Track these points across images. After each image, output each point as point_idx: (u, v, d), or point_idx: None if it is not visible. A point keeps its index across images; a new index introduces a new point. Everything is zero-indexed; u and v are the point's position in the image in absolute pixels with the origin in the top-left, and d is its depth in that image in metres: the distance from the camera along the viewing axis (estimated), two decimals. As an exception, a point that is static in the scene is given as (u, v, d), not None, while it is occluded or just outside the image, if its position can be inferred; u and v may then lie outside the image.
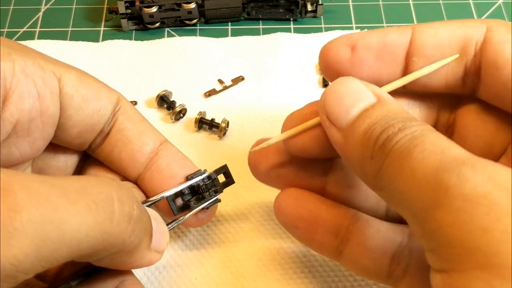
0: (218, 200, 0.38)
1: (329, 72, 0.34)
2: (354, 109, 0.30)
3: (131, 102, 0.50)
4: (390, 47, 0.33)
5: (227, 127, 0.48)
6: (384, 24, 0.58)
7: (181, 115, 0.49)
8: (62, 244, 0.25)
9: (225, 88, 0.51)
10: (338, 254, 0.35)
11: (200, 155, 0.47)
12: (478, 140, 0.34)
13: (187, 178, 0.37)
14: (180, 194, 0.37)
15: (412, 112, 0.35)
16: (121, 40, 0.54)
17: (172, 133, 0.48)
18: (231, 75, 0.52)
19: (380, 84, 0.33)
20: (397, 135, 0.28)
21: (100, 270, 0.33)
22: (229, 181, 0.39)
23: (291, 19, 0.57)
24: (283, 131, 0.35)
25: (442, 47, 0.32)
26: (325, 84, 0.52)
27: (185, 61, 0.53)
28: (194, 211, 0.37)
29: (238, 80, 0.52)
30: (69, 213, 0.25)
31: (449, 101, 0.35)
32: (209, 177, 0.38)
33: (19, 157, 0.33)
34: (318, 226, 0.35)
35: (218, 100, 0.51)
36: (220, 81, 0.52)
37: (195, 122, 0.48)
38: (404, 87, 0.33)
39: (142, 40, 0.55)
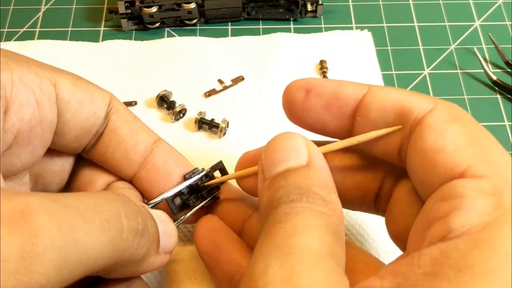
0: (217, 197, 0.39)
1: (285, 109, 0.34)
2: (281, 165, 0.30)
3: (131, 102, 0.50)
4: (340, 100, 0.32)
5: (227, 127, 0.48)
6: (384, 24, 0.58)
7: (181, 115, 0.49)
8: (80, 264, 0.26)
9: (225, 88, 0.51)
10: None
11: (200, 155, 0.47)
12: (401, 217, 0.32)
13: (185, 178, 0.37)
14: (178, 193, 0.37)
15: (358, 170, 0.34)
16: (121, 40, 0.54)
17: (172, 133, 0.48)
18: (231, 75, 0.52)
19: (326, 132, 0.34)
20: (282, 206, 0.28)
21: (108, 279, 0.33)
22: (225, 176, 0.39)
23: (291, 19, 0.57)
24: (235, 169, 0.37)
25: (385, 113, 0.31)
26: None
27: (185, 61, 0.53)
28: (194, 210, 0.37)
29: (238, 80, 0.52)
30: (85, 233, 0.26)
31: (396, 171, 0.33)
32: (206, 175, 0.38)
33: (20, 167, 0.33)
34: (217, 265, 0.36)
35: (218, 100, 0.51)
36: (220, 81, 0.52)
37: (195, 122, 0.48)
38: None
39: (142, 40, 0.55)
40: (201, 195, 0.38)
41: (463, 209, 0.26)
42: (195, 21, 0.56)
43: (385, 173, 0.34)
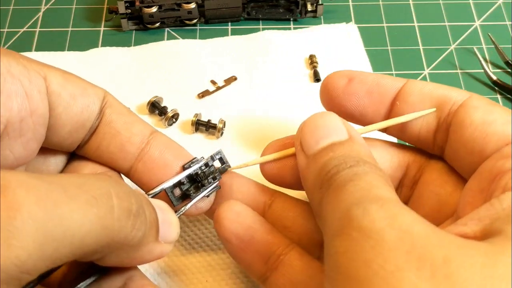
0: (218, 187, 0.38)
1: (325, 96, 0.37)
2: (324, 140, 0.32)
3: None
4: (381, 87, 0.36)
5: (224, 127, 0.48)
6: (384, 24, 0.58)
7: (174, 120, 0.49)
8: (65, 241, 0.25)
9: (218, 88, 0.51)
10: (263, 279, 0.35)
11: (199, 156, 0.47)
12: (433, 197, 0.35)
13: (184, 167, 0.36)
14: (178, 184, 0.36)
15: (383, 159, 0.37)
16: (107, 48, 0.54)
17: (169, 136, 0.48)
18: (223, 76, 0.52)
19: (363, 117, 0.37)
20: (345, 170, 0.30)
21: (106, 269, 0.32)
22: (226, 166, 0.38)
23: (291, 19, 0.57)
24: (262, 156, 0.37)
25: (423, 98, 0.35)
26: (316, 79, 0.52)
27: (175, 64, 0.53)
28: (195, 200, 0.36)
29: (231, 80, 0.52)
30: (70, 209, 0.25)
31: (420, 159, 0.37)
32: (206, 164, 0.37)
33: (14, 160, 0.33)
34: (250, 247, 0.35)
35: (212, 100, 0.51)
36: (213, 82, 0.52)
37: (192, 124, 0.48)
38: (383, 130, 0.36)
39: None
40: (201, 185, 0.37)
41: None
42: (195, 21, 0.56)
43: (409, 162, 0.37)
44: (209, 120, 0.48)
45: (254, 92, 0.51)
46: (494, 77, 0.53)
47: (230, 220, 0.36)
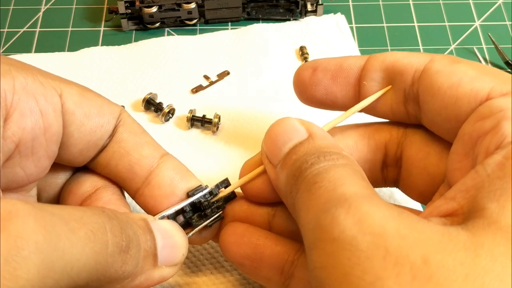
0: (221, 217, 0.36)
1: (296, 91, 0.38)
2: (285, 146, 0.32)
3: None
4: (344, 70, 0.36)
5: (219, 121, 0.48)
6: (384, 24, 0.58)
7: (170, 115, 0.49)
8: (64, 274, 0.25)
9: (212, 83, 0.52)
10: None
11: (196, 152, 0.47)
12: (422, 171, 0.34)
13: (188, 195, 0.35)
14: (181, 211, 0.35)
15: (359, 145, 0.36)
16: (98, 47, 0.54)
17: (164, 133, 0.48)
18: (216, 71, 0.52)
19: (335, 103, 0.36)
20: (307, 170, 0.29)
21: None
22: (231, 195, 0.37)
23: (291, 19, 0.57)
24: (240, 177, 0.36)
25: (387, 72, 0.34)
26: None
27: (167, 61, 0.53)
28: (196, 229, 0.35)
29: (224, 74, 0.52)
30: (71, 242, 0.25)
31: (396, 135, 0.36)
32: (210, 192, 0.36)
33: (25, 177, 0.32)
34: (263, 263, 0.35)
35: (206, 95, 0.51)
36: (206, 77, 0.52)
37: (187, 120, 0.48)
38: (361, 110, 0.36)
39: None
40: (204, 214, 0.36)
41: (509, 118, 0.28)
42: (195, 21, 0.56)
43: (385, 141, 0.36)
44: (204, 115, 0.48)
45: (247, 85, 0.52)
46: (494, 77, 0.53)
47: (237, 243, 0.35)
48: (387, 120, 0.37)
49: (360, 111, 0.36)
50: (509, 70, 0.54)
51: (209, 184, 0.36)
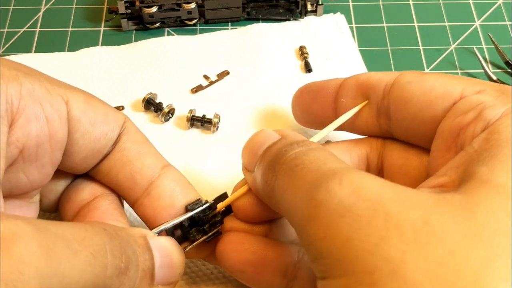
0: (219, 233, 0.36)
1: (293, 110, 0.43)
2: (259, 150, 0.33)
3: (118, 107, 0.49)
4: (322, 90, 0.39)
5: (219, 121, 0.48)
6: (384, 24, 0.58)
7: (170, 115, 0.49)
8: None
9: (212, 83, 0.51)
10: None
11: (196, 152, 0.47)
12: (404, 176, 0.36)
13: (187, 209, 0.35)
14: (179, 225, 0.35)
15: (344, 158, 0.37)
16: (98, 47, 0.54)
17: (164, 134, 0.48)
18: (216, 70, 0.52)
19: (315, 119, 0.41)
20: (283, 156, 0.31)
21: None
22: (229, 208, 0.37)
23: (291, 19, 0.57)
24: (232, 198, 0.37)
25: (361, 90, 0.37)
26: (308, 69, 0.52)
27: (167, 61, 0.53)
28: (194, 244, 0.35)
29: (223, 74, 0.52)
30: (71, 266, 0.25)
31: (375, 146, 0.38)
32: (209, 207, 0.36)
33: (28, 184, 0.32)
34: (266, 268, 0.35)
35: (205, 95, 0.51)
36: (206, 77, 0.52)
37: (187, 120, 0.48)
38: (339, 127, 0.38)
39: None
40: (202, 229, 0.35)
41: (490, 107, 0.30)
42: (195, 21, 0.56)
43: (367, 152, 0.38)
44: (204, 115, 0.48)
45: (247, 85, 0.51)
46: (494, 77, 0.53)
47: (237, 251, 0.35)
48: (365, 136, 0.39)
49: (340, 129, 0.38)
50: (509, 70, 0.54)
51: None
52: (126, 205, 0.37)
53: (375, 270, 0.24)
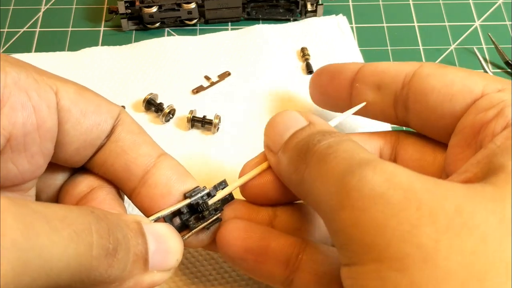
0: (219, 219, 0.36)
1: (311, 90, 0.44)
2: (286, 133, 0.34)
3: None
4: (340, 73, 0.40)
5: (220, 122, 0.48)
6: (384, 24, 0.58)
7: (171, 115, 0.49)
8: (42, 273, 0.24)
9: (213, 84, 0.51)
10: (288, 283, 0.35)
11: (196, 152, 0.47)
12: (419, 171, 0.35)
13: (185, 196, 0.34)
14: (178, 213, 0.34)
15: None
16: (99, 47, 0.54)
17: (165, 134, 0.48)
18: (217, 71, 0.52)
19: (331, 101, 0.42)
20: (316, 146, 0.31)
21: None
22: (229, 197, 0.36)
23: (291, 19, 0.57)
24: (240, 177, 0.37)
25: (378, 77, 0.38)
26: (309, 71, 0.52)
27: (168, 61, 0.53)
28: (193, 231, 0.35)
29: (224, 75, 0.52)
30: (51, 242, 0.24)
31: (390, 139, 0.38)
32: (208, 194, 0.35)
33: (18, 174, 0.32)
34: (268, 257, 0.34)
35: (206, 96, 0.51)
36: (207, 78, 0.52)
37: (188, 121, 0.48)
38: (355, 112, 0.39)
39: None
40: (202, 216, 0.35)
41: (511, 105, 0.31)
42: (195, 21, 0.56)
43: (380, 146, 0.38)
44: (204, 116, 0.48)
45: (248, 86, 0.51)
46: (494, 77, 0.53)
47: (240, 238, 0.34)
48: (379, 130, 0.40)
49: (357, 114, 0.39)
50: (509, 70, 0.54)
51: (208, 185, 0.36)
52: (127, 200, 0.37)
53: (406, 257, 0.24)
